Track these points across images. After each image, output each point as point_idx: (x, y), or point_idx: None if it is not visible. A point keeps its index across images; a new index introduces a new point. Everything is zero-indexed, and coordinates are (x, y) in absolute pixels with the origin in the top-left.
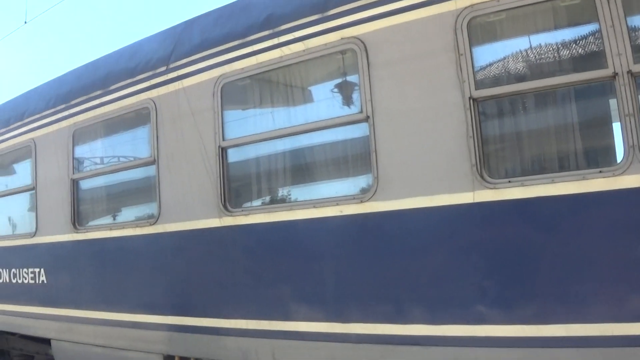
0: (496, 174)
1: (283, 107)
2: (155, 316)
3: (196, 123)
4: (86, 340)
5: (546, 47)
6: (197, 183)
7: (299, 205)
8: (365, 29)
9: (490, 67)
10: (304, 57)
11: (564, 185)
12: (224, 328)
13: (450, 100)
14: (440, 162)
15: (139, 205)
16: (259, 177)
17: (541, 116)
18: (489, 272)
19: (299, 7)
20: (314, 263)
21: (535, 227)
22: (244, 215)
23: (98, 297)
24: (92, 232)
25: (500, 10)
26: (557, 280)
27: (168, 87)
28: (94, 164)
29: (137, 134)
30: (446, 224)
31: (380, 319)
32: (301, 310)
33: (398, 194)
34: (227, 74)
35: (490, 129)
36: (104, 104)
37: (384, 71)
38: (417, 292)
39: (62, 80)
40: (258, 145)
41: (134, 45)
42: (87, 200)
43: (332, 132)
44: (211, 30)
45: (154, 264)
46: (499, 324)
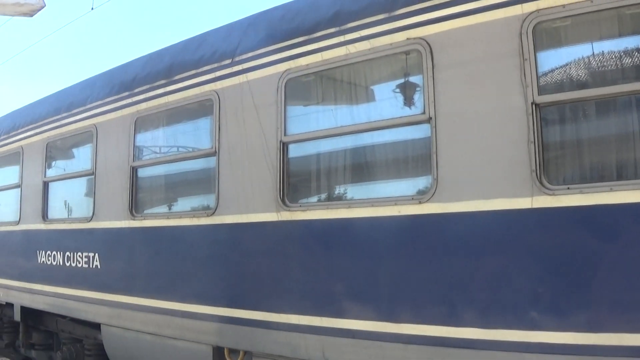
0: (555, 180)
1: (345, 105)
2: (206, 307)
3: (259, 117)
4: (136, 327)
5: (610, 54)
6: (257, 176)
7: (357, 203)
8: (431, 30)
9: (553, 73)
10: (368, 55)
11: (622, 194)
12: (274, 322)
13: (513, 105)
14: (500, 167)
15: (196, 196)
16: (318, 174)
17: (602, 124)
18: (543, 278)
19: (367, 6)
20: (369, 261)
21: (593, 235)
22: (302, 210)
23: (150, 284)
24: (149, 220)
25: (566, 17)
26: (612, 289)
27: (232, 80)
28: (154, 152)
29: (198, 125)
30: (503, 229)
31: (432, 321)
32: (353, 308)
33: (456, 197)
34: (292, 70)
35: (551, 135)
36: (168, 94)
37: (448, 73)
38: (470, 295)
39: (127, 67)
40: (319, 142)
41: (199, 36)
42: (145, 188)
43: (392, 132)
44: (278, 25)
45: (208, 255)
46: (551, 330)
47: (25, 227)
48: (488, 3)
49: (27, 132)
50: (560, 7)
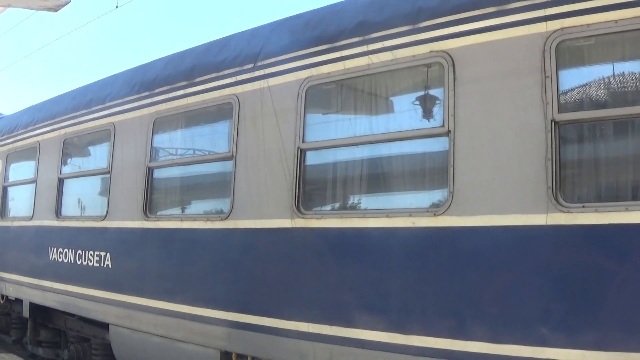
0: (571, 198)
1: (365, 115)
2: (216, 311)
3: (278, 123)
4: (145, 329)
5: (631, 75)
6: (273, 182)
7: (372, 213)
8: (454, 44)
9: (574, 92)
10: (391, 67)
11: (638, 214)
12: (284, 329)
13: (533, 122)
14: (517, 182)
15: (211, 200)
16: (334, 182)
17: (619, 144)
18: (555, 295)
19: (391, 17)
20: (381, 272)
21: (606, 254)
22: (316, 218)
23: (161, 286)
24: (162, 221)
25: (590, 36)
26: (623, 309)
27: (253, 85)
28: (171, 153)
29: (217, 128)
30: (517, 244)
31: (441, 334)
32: (363, 318)
33: (472, 211)
34: (314, 77)
35: (569, 153)
36: (187, 95)
37: (469, 87)
38: (481, 309)
39: (148, 67)
40: (336, 150)
41: (222, 40)
42: (160, 189)
43: (410, 144)
44: (301, 32)
45: (220, 259)
46: (561, 347)
47: (39, 223)
48: (512, 19)
49: (44, 128)
50: (584, 27)
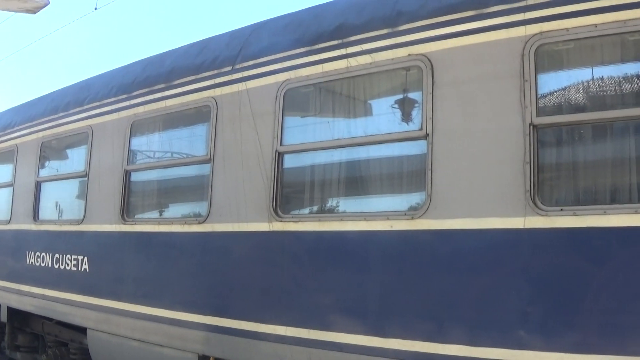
0: (549, 201)
1: (343, 118)
2: (194, 315)
3: (256, 126)
4: (122, 333)
5: (611, 79)
6: (250, 186)
7: (350, 216)
8: (433, 47)
9: (553, 95)
10: (369, 70)
11: (615, 218)
12: (262, 333)
13: (511, 125)
14: (494, 186)
15: (189, 203)
16: (312, 185)
17: (598, 147)
18: (533, 298)
19: (370, 20)
20: (359, 275)
21: (584, 257)
22: (294, 221)
23: (139, 290)
24: (140, 224)
25: (569, 40)
26: (601, 312)
27: (232, 87)
28: (149, 157)
29: (195, 131)
30: (495, 248)
31: (420, 337)
32: (341, 321)
33: (449, 214)
34: (292, 80)
35: (548, 156)
36: (166, 98)
37: (448, 90)
38: (459, 312)
39: (126, 70)
40: (315, 153)
41: (200, 42)
42: (137, 192)
43: (389, 147)
44: (280, 34)
45: (198, 263)
46: (539, 350)
47: (16, 226)
48: (492, 23)
49: (22, 131)
50: (564, 31)
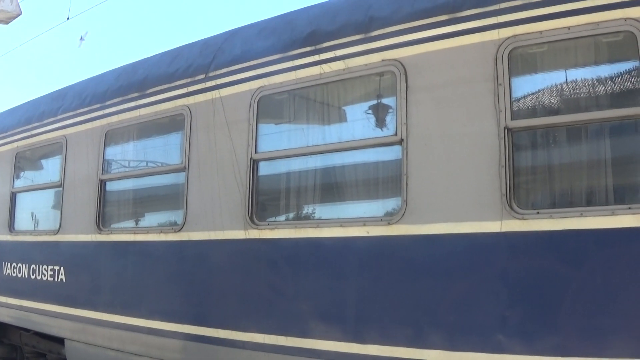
0: (525, 204)
1: (317, 124)
2: (171, 324)
3: (230, 133)
4: (100, 343)
5: (585, 81)
6: (226, 194)
7: (326, 223)
8: (406, 52)
9: (527, 98)
10: (343, 76)
11: (592, 220)
12: (240, 341)
13: (485, 129)
14: (470, 190)
15: (164, 212)
16: (288, 192)
17: (574, 150)
18: (511, 302)
19: (343, 26)
20: (336, 282)
21: (562, 260)
22: (270, 229)
23: (116, 300)
24: (116, 234)
25: (542, 43)
26: (579, 314)
27: (205, 95)
28: (123, 166)
29: (169, 140)
30: (472, 252)
31: (398, 342)
32: (320, 328)
33: (426, 219)
34: (266, 87)
35: (523, 159)
36: (139, 107)
37: (422, 95)
38: (438, 317)
39: (100, 79)
40: (289, 161)
41: (174, 50)
42: (113, 202)
43: (364, 153)
44: (253, 42)
45: (175, 271)
46: (518, 354)
47: None
48: (465, 27)
49: None
50: (537, 34)
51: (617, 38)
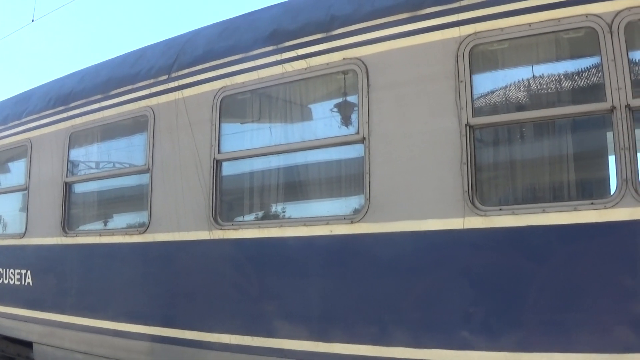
0: (488, 201)
1: (280, 124)
2: (138, 326)
3: (193, 134)
4: (68, 346)
5: (546, 78)
6: (190, 194)
7: (290, 222)
8: (367, 50)
9: (488, 95)
10: (305, 75)
11: (555, 216)
12: (206, 341)
13: (447, 126)
14: (433, 187)
15: (129, 213)
16: (252, 192)
17: (536, 146)
18: (475, 299)
19: (305, 25)
20: (301, 281)
21: (525, 256)
22: (234, 229)
23: (83, 303)
24: (81, 237)
25: (504, 40)
26: (543, 310)
27: (168, 96)
28: (88, 168)
29: (133, 141)
30: (435, 249)
31: (364, 340)
32: (285, 328)
33: (389, 217)
34: (228, 87)
35: (485, 156)
36: (103, 109)
37: (383, 94)
38: (402, 315)
39: (63, 81)
40: (253, 160)
41: (137, 51)
42: (78, 204)
43: (327, 152)
44: (216, 42)
45: (140, 273)
46: (483, 350)
47: None
48: (426, 25)
49: None
50: (498, 31)
51: (578, 34)
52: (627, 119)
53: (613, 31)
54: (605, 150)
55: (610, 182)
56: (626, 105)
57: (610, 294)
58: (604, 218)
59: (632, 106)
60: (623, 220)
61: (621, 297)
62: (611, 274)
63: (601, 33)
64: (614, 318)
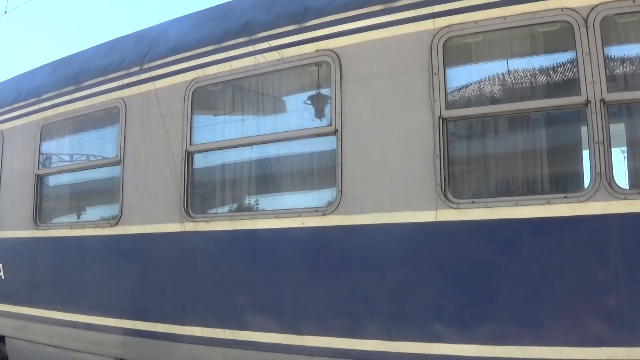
0: (460, 194)
1: (253, 115)
2: (110, 319)
3: (165, 126)
4: (41, 340)
5: (521, 71)
6: (161, 186)
7: (261, 214)
8: (340, 42)
9: (462, 88)
10: (278, 66)
11: (528, 209)
12: (178, 334)
13: (420, 119)
14: (405, 180)
15: (101, 206)
16: (224, 184)
17: (510, 139)
18: (447, 291)
19: (278, 16)
20: (273, 273)
21: (497, 249)
22: (206, 221)
23: (55, 296)
24: (53, 229)
25: (478, 32)
26: (516, 303)
27: (140, 88)
28: (59, 160)
29: (105, 133)
30: (407, 242)
31: (335, 333)
32: (257, 320)
33: (361, 209)
34: (200, 79)
35: (458, 149)
36: (75, 100)
37: (356, 86)
38: (374, 307)
39: (35, 73)
40: (225, 152)
41: (109, 42)
42: (50, 197)
43: (300, 144)
44: (188, 33)
45: (112, 266)
46: (455, 343)
47: None
48: (400, 17)
49: None
50: (472, 23)
51: (553, 28)
52: (601, 113)
53: (588, 25)
54: (579, 144)
55: (584, 176)
56: (601, 99)
57: (583, 288)
58: (577, 212)
59: (606, 100)
60: (596, 214)
61: (594, 290)
62: (584, 267)
63: (576, 27)
64: (587, 311)
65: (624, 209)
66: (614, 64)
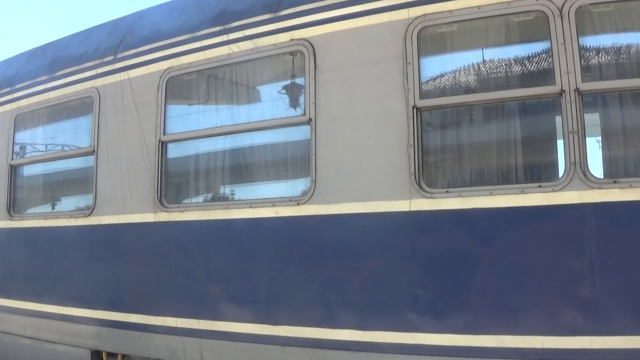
0: (434, 183)
1: (227, 105)
2: (84, 310)
3: (139, 115)
4: (15, 331)
5: (495, 61)
6: (135, 176)
7: (235, 204)
8: (314, 31)
9: (437, 78)
10: (252, 55)
11: (502, 198)
12: (152, 325)
13: (394, 108)
14: (379, 169)
15: (75, 196)
16: (197, 174)
17: (484, 129)
18: (422, 281)
19: (252, 5)
20: (247, 263)
21: (471, 238)
22: (179, 211)
23: (29, 287)
24: (27, 220)
25: (453, 22)
26: (490, 292)
27: (114, 77)
28: (34, 150)
29: (79, 123)
30: (381, 231)
31: (309, 323)
32: (231, 311)
33: (335, 199)
34: (174, 68)
35: (432, 139)
36: (49, 90)
37: (330, 75)
38: (348, 297)
39: (9, 62)
40: (199, 142)
41: (84, 32)
42: (24, 187)
43: (273, 133)
44: (162, 22)
45: (86, 256)
46: (429, 332)
47: None
48: (374, 7)
49: None
50: (447, 13)
51: (528, 17)
52: (576, 102)
53: (563, 15)
54: (554, 133)
55: (558, 166)
56: (575, 89)
57: (558, 277)
58: (551, 201)
59: (581, 90)
60: (570, 204)
61: (568, 279)
62: (558, 256)
63: (551, 17)
64: (561, 300)
65: (598, 198)
66: (589, 53)
